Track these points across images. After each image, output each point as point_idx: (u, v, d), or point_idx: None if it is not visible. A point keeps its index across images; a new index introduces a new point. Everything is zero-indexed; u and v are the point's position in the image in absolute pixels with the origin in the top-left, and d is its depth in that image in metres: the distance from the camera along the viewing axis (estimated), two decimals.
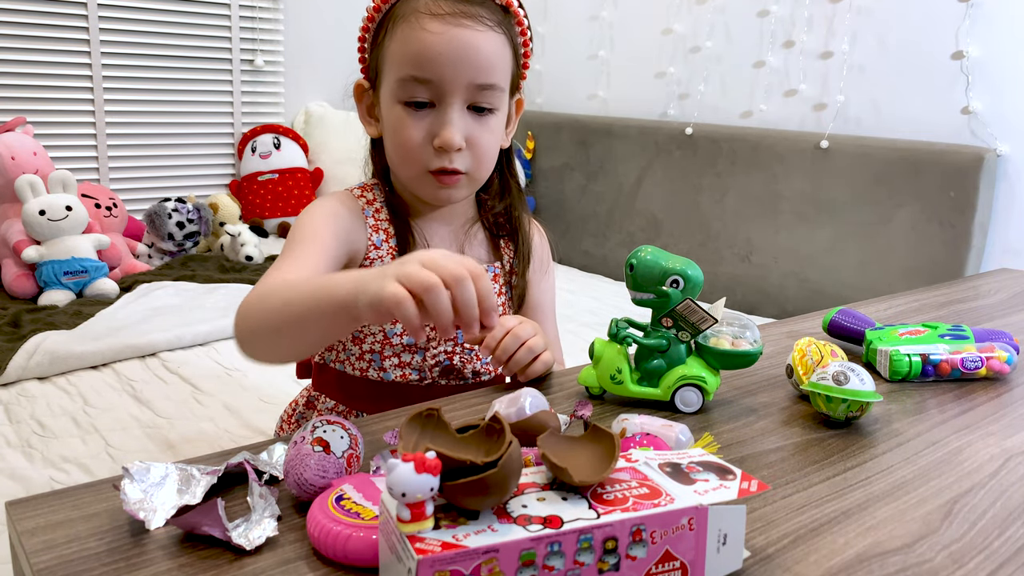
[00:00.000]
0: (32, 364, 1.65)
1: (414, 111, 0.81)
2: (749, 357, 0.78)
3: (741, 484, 0.50)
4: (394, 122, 0.82)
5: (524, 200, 0.97)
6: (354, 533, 0.50)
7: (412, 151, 0.82)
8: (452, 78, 0.79)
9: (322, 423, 0.60)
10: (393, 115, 0.82)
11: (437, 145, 0.81)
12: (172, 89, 2.86)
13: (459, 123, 0.81)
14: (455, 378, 0.92)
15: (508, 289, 0.95)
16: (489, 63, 0.80)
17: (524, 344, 0.79)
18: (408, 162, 0.84)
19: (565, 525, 0.44)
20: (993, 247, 1.97)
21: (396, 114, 0.82)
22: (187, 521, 0.51)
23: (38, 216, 2.17)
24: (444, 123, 0.80)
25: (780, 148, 2.25)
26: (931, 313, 1.21)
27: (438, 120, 0.81)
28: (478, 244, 0.95)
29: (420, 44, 0.78)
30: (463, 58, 0.78)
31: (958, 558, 0.55)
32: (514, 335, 0.79)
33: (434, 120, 0.81)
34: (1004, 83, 1.92)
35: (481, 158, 0.84)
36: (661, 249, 0.77)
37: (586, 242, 2.83)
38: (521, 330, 0.80)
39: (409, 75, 0.79)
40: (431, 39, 0.78)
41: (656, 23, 2.63)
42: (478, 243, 0.95)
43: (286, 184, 2.95)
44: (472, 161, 0.84)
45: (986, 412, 0.82)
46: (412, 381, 0.90)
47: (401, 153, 0.84)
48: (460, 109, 0.81)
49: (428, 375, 0.90)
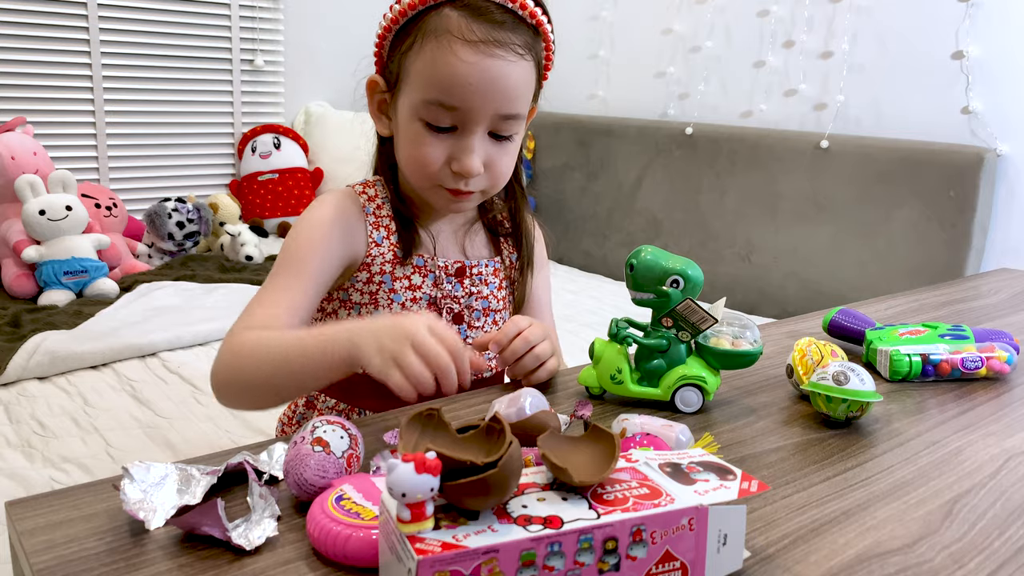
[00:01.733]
0: (32, 364, 1.65)
1: (435, 132, 0.80)
2: (749, 357, 0.78)
3: (741, 484, 0.50)
4: (412, 136, 0.82)
5: (527, 204, 0.97)
6: (354, 533, 0.50)
7: (428, 168, 0.82)
8: (479, 108, 0.78)
9: (322, 423, 0.59)
10: (412, 129, 0.82)
11: (456, 170, 0.81)
12: (172, 89, 2.86)
13: (480, 150, 0.80)
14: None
15: (509, 284, 0.96)
16: (517, 94, 0.80)
17: (532, 350, 0.80)
18: (421, 176, 0.84)
19: (565, 525, 0.44)
20: (993, 247, 1.97)
21: (415, 129, 0.81)
22: (187, 521, 0.51)
23: (38, 216, 2.17)
24: (465, 149, 0.80)
25: (780, 148, 2.25)
26: (931, 313, 1.21)
27: (459, 145, 0.80)
28: (479, 242, 0.95)
29: (450, 70, 0.77)
30: (492, 90, 0.78)
31: (958, 558, 0.55)
32: (524, 339, 0.79)
33: (454, 145, 0.80)
34: (1004, 83, 1.92)
35: (497, 179, 0.85)
36: (661, 249, 0.77)
37: (586, 242, 2.83)
38: (531, 334, 0.80)
39: (436, 99, 0.78)
40: (463, 68, 0.76)
41: (656, 23, 2.63)
42: (479, 241, 0.95)
43: (286, 184, 2.95)
44: (488, 182, 0.84)
45: (986, 412, 0.82)
46: None
47: (416, 168, 0.83)
48: (482, 136, 0.81)
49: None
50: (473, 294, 0.91)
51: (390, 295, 0.88)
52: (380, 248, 0.88)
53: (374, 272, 0.87)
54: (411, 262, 0.88)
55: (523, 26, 0.80)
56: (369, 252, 0.88)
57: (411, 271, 0.89)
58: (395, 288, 0.88)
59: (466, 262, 0.91)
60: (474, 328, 0.92)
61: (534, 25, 0.82)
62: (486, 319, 0.93)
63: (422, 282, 0.89)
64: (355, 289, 0.88)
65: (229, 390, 0.77)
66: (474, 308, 0.92)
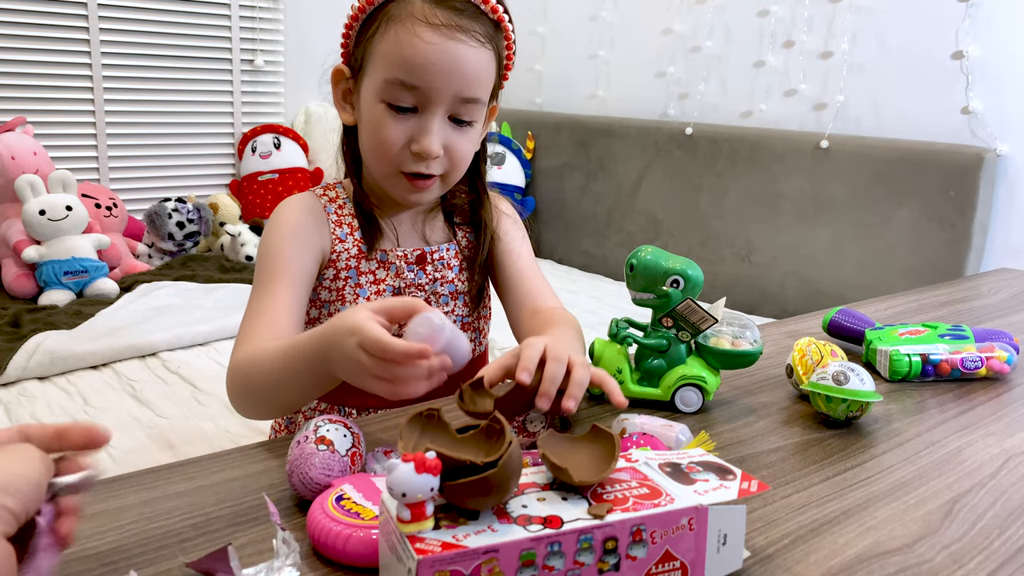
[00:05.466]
0: (32, 364, 1.65)
1: (396, 113, 0.82)
2: (749, 357, 0.78)
3: (741, 484, 0.50)
4: (375, 119, 0.83)
5: (488, 199, 0.97)
6: (354, 533, 0.50)
7: (389, 151, 0.83)
8: (440, 88, 0.80)
9: (324, 422, 0.60)
10: (375, 112, 0.83)
11: (415, 151, 0.82)
12: (172, 89, 2.86)
13: (439, 132, 0.82)
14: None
15: (468, 265, 0.95)
16: (476, 78, 0.82)
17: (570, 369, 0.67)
18: (383, 160, 0.85)
19: (565, 525, 0.44)
20: (993, 247, 1.97)
21: (378, 112, 0.83)
22: (200, 565, 0.50)
23: (38, 216, 2.17)
24: (425, 131, 0.81)
25: (780, 148, 2.25)
26: (931, 313, 1.21)
27: (419, 126, 0.82)
28: (438, 226, 0.96)
29: (413, 51, 0.79)
30: (453, 71, 0.80)
31: (958, 558, 0.55)
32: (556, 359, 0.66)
33: (415, 125, 0.82)
34: (1004, 83, 1.92)
35: (457, 164, 0.86)
36: (661, 249, 0.78)
37: (586, 242, 2.83)
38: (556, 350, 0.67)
39: (397, 79, 0.80)
40: (425, 48, 0.79)
41: (656, 23, 2.63)
42: (438, 225, 0.96)
43: (286, 184, 2.95)
44: (447, 166, 0.85)
45: (986, 412, 0.82)
46: None
47: (378, 151, 0.85)
48: (442, 118, 0.82)
49: None
50: (437, 280, 0.92)
51: (356, 290, 0.90)
52: (344, 244, 0.90)
53: (340, 268, 0.89)
54: (375, 256, 0.90)
55: (484, 18, 0.82)
56: (334, 249, 0.89)
57: (375, 265, 0.90)
58: (360, 283, 0.90)
59: (426, 249, 0.92)
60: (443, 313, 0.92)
61: (495, 19, 0.84)
62: (455, 302, 0.94)
63: (386, 275, 0.90)
64: (323, 287, 0.90)
65: (243, 409, 0.79)
66: (440, 293, 0.93)
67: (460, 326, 0.94)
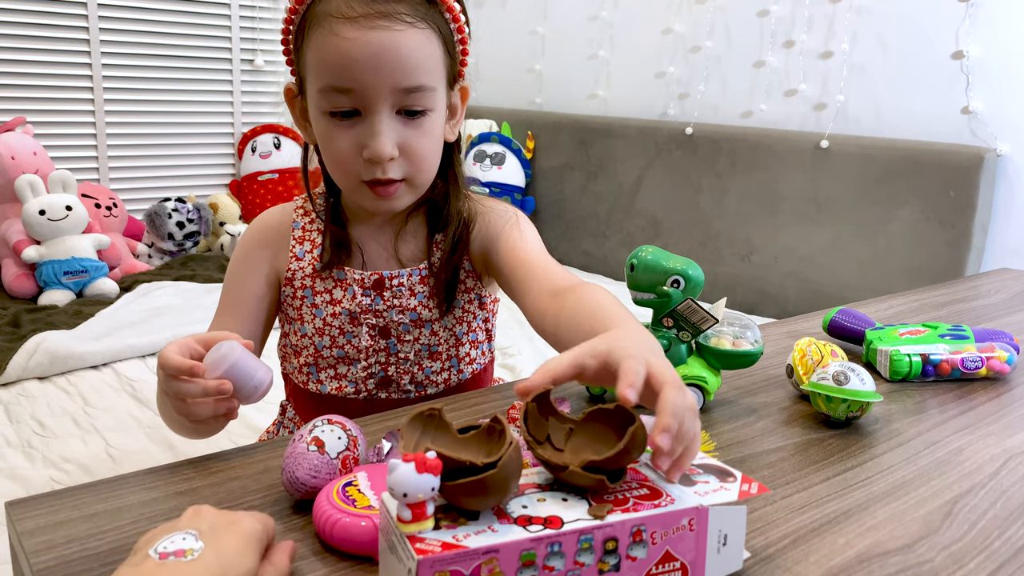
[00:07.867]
0: (32, 364, 1.65)
1: (340, 121, 0.76)
2: (750, 357, 0.78)
3: (742, 487, 0.50)
4: (322, 133, 0.79)
5: (460, 193, 0.89)
6: (341, 519, 0.51)
7: (343, 163, 0.78)
8: (374, 85, 0.74)
9: (323, 423, 0.60)
10: (320, 126, 0.78)
11: (367, 157, 0.76)
12: (172, 89, 2.86)
13: (388, 132, 0.76)
14: (395, 391, 0.88)
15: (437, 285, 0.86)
16: (414, 64, 0.75)
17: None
18: (342, 174, 0.80)
19: (565, 525, 0.44)
20: (993, 247, 1.97)
21: (323, 125, 0.78)
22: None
23: (38, 216, 2.17)
24: (372, 133, 0.76)
25: (780, 148, 2.25)
26: (931, 313, 1.21)
27: (365, 130, 0.76)
28: (412, 241, 0.88)
29: (334, 51, 0.73)
30: (383, 63, 0.73)
31: (958, 558, 0.55)
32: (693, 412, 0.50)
33: (362, 130, 0.76)
34: (1004, 83, 1.92)
35: (419, 163, 0.79)
36: (662, 249, 0.78)
37: (586, 242, 2.83)
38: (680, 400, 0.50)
39: (328, 85, 0.75)
40: (345, 45, 0.73)
41: (656, 23, 2.63)
42: (413, 241, 0.88)
43: (286, 184, 2.95)
44: (409, 167, 0.79)
45: (986, 412, 0.82)
46: (349, 394, 0.87)
47: (332, 165, 0.81)
48: (388, 116, 0.76)
49: (363, 388, 0.87)
50: (395, 307, 0.85)
51: (312, 310, 0.86)
52: (301, 263, 0.87)
53: (296, 287, 0.87)
54: (330, 275, 0.86)
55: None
56: (289, 267, 0.87)
57: (332, 285, 0.86)
58: (316, 303, 0.86)
59: (384, 274, 0.85)
60: (404, 342, 0.86)
61: None
62: (418, 330, 0.86)
63: (342, 296, 0.85)
64: (288, 304, 0.88)
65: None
66: (399, 321, 0.85)
67: (427, 355, 0.87)
